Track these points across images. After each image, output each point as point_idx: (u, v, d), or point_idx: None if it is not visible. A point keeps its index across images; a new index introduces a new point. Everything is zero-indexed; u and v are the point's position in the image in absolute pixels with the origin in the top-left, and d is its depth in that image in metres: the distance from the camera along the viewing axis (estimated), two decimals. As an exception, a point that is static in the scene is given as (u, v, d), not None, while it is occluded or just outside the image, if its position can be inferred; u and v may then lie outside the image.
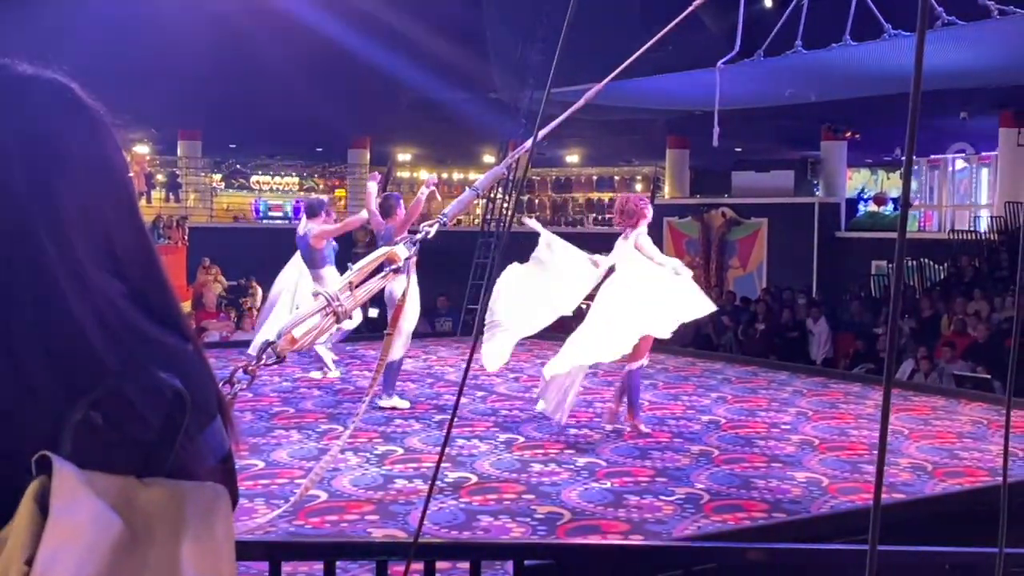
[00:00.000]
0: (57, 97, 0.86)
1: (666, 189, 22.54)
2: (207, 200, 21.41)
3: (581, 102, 3.92)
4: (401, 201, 8.14)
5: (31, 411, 0.74)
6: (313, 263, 8.49)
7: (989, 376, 10.97)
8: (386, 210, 8.01)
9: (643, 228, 7.11)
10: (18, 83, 0.85)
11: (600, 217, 24.52)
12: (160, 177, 22.33)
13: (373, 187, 8.37)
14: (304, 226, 8.66)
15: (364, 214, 8.39)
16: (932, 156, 21.37)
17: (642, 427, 7.06)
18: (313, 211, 8.72)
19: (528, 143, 4.23)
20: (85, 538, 0.69)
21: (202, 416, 0.81)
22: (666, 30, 4.15)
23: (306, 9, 14.83)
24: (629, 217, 7.12)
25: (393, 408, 7.45)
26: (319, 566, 2.80)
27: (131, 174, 0.90)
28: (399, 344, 7.48)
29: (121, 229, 0.84)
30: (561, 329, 7.62)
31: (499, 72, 17.25)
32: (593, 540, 4.51)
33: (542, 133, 3.77)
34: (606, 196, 25.01)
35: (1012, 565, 2.54)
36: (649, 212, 7.23)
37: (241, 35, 15.02)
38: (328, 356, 9.06)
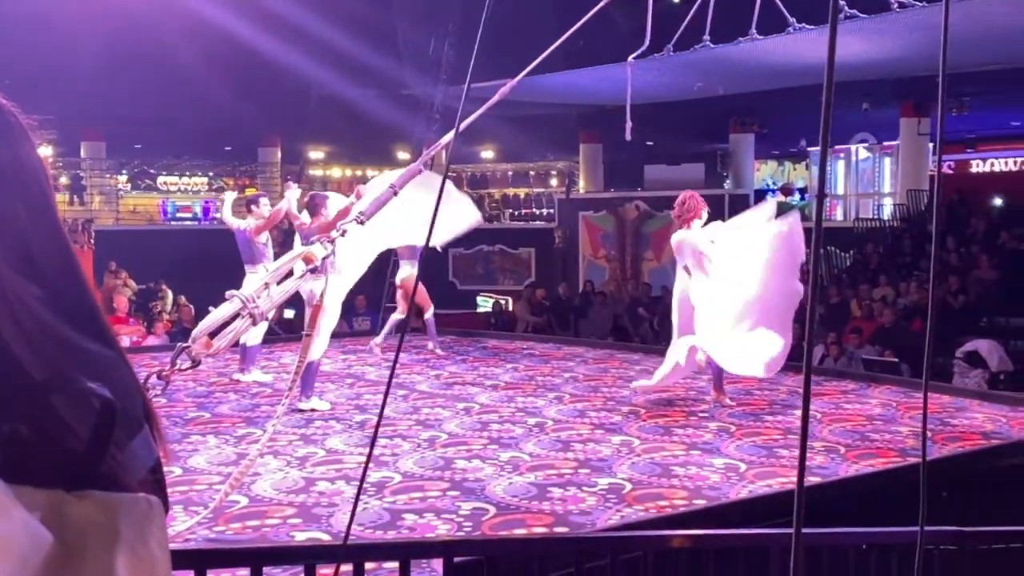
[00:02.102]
0: None
1: (581, 183, 22.73)
2: (113, 202, 20.87)
3: (497, 97, 3.92)
4: (328, 201, 8.00)
5: None
6: (252, 259, 8.49)
7: (897, 360, 11.32)
8: (312, 209, 7.93)
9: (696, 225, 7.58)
10: None
11: (516, 212, 24.60)
12: (63, 180, 21.69)
13: (293, 195, 8.29)
14: (244, 223, 8.75)
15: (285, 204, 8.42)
16: (836, 146, 21.98)
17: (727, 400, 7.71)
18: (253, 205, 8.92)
19: (445, 139, 4.22)
20: (17, 554, 0.66)
21: (130, 425, 0.78)
22: (578, 25, 4.18)
23: (212, 7, 14.55)
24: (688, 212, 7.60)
25: (313, 410, 7.37)
26: (244, 572, 2.75)
27: (49, 176, 0.87)
28: (318, 345, 7.41)
29: (38, 233, 0.81)
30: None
31: (411, 69, 17.18)
32: (519, 534, 4.53)
33: (460, 127, 3.76)
34: (522, 192, 25.11)
35: (929, 542, 2.62)
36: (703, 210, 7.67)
37: (143, 33, 14.69)
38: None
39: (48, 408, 0.72)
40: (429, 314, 10.57)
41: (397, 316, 10.38)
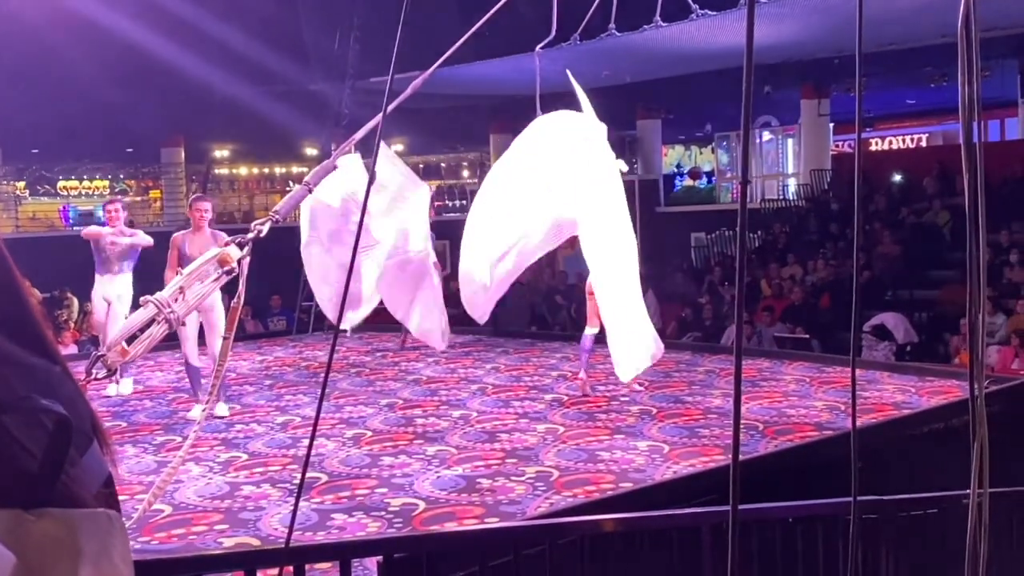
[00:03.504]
0: None
1: (492, 174, 22.72)
2: (11, 210, 20.19)
3: (410, 90, 3.90)
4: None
5: None
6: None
7: (808, 336, 11.61)
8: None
9: None
10: None
11: (449, 204, 24.54)
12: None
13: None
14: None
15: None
16: (739, 129, 22.37)
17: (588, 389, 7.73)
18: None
19: (360, 133, 4.18)
20: None
21: (81, 439, 0.76)
22: (488, 15, 4.18)
23: (103, 10, 14.17)
24: None
25: (220, 417, 7.13)
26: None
27: None
28: (194, 351, 7.42)
29: None
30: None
31: (317, 65, 16.98)
32: (450, 527, 4.53)
33: (363, 130, 3.74)
34: (433, 184, 24.99)
35: (849, 512, 2.71)
36: None
37: (33, 38, 14.24)
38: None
39: (1, 429, 0.71)
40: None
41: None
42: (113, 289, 8.22)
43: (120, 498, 3.36)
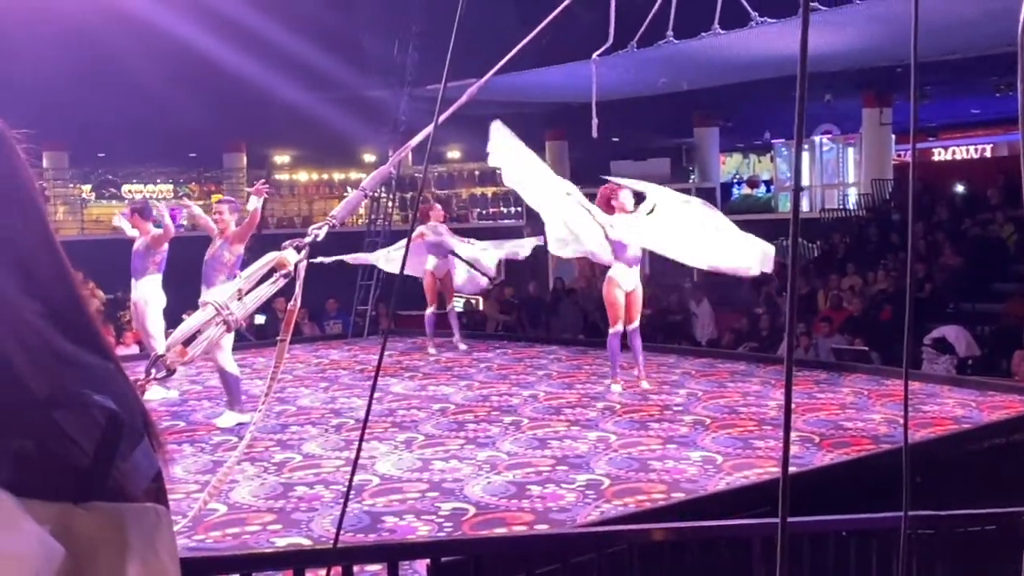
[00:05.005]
0: None
1: (547, 181, 22.71)
2: (77, 212, 20.65)
3: (465, 97, 3.93)
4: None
5: None
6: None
7: (867, 348, 11.43)
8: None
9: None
10: None
11: (484, 212, 24.56)
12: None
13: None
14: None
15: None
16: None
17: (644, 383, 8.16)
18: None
19: (415, 140, 4.22)
20: (30, 568, 0.66)
21: (133, 435, 0.78)
22: (545, 23, 4.19)
23: (166, 15, 14.45)
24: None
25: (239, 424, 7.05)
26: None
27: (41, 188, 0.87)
28: (229, 358, 7.22)
29: (34, 247, 0.81)
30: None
31: (375, 72, 17.14)
32: (500, 533, 4.54)
33: (418, 137, 3.76)
34: (489, 191, 25.09)
35: (911, 527, 2.66)
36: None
37: (101, 43, 14.56)
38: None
39: (52, 424, 0.73)
40: (430, 309, 10.93)
41: (431, 310, 10.89)
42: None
43: (176, 496, 3.42)
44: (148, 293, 8.26)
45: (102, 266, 15.86)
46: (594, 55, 7.68)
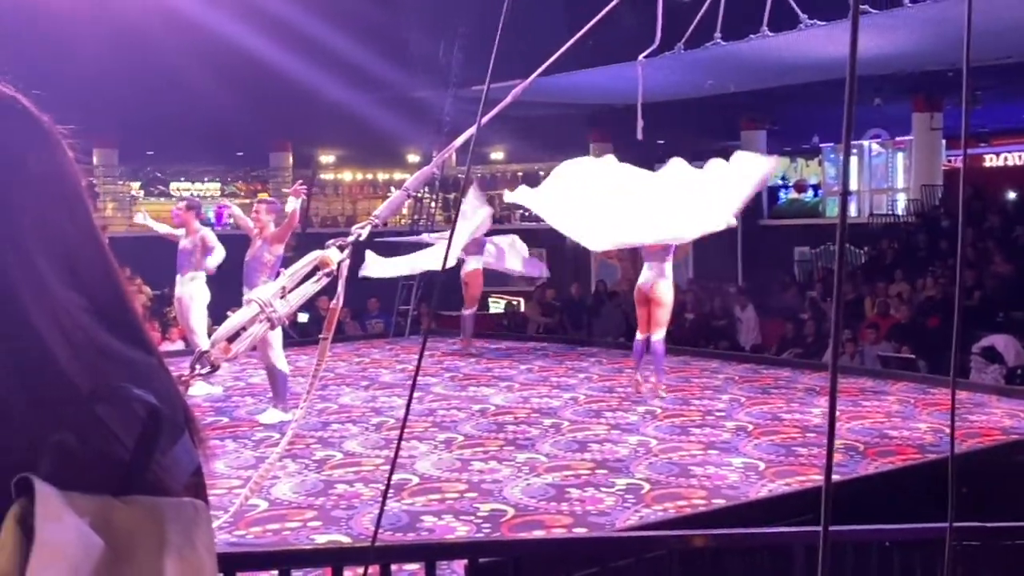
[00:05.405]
0: (8, 110, 0.83)
1: (591, 183, 22.65)
2: (126, 209, 20.95)
3: (510, 98, 3.92)
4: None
5: (5, 434, 0.71)
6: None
7: (914, 356, 11.26)
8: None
9: None
10: None
11: (526, 213, 24.52)
12: (77, 187, 21.84)
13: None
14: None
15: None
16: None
17: (662, 392, 7.99)
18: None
19: (458, 141, 4.22)
20: (70, 560, 0.67)
21: (173, 430, 0.79)
22: (591, 24, 4.17)
23: (215, 14, 14.62)
24: None
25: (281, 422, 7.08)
26: (272, 575, 2.75)
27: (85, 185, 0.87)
28: (280, 355, 7.25)
29: (79, 241, 0.82)
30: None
31: (421, 73, 17.20)
32: (538, 535, 4.52)
33: (462, 138, 3.76)
34: (531, 192, 25.05)
35: (953, 538, 2.61)
36: None
37: (149, 41, 14.77)
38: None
39: (94, 417, 0.73)
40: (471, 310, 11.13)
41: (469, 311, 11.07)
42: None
43: (218, 492, 3.46)
44: (192, 289, 8.39)
45: (149, 262, 16.11)
46: (640, 56, 7.64)
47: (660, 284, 8.03)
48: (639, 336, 8.24)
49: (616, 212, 7.90)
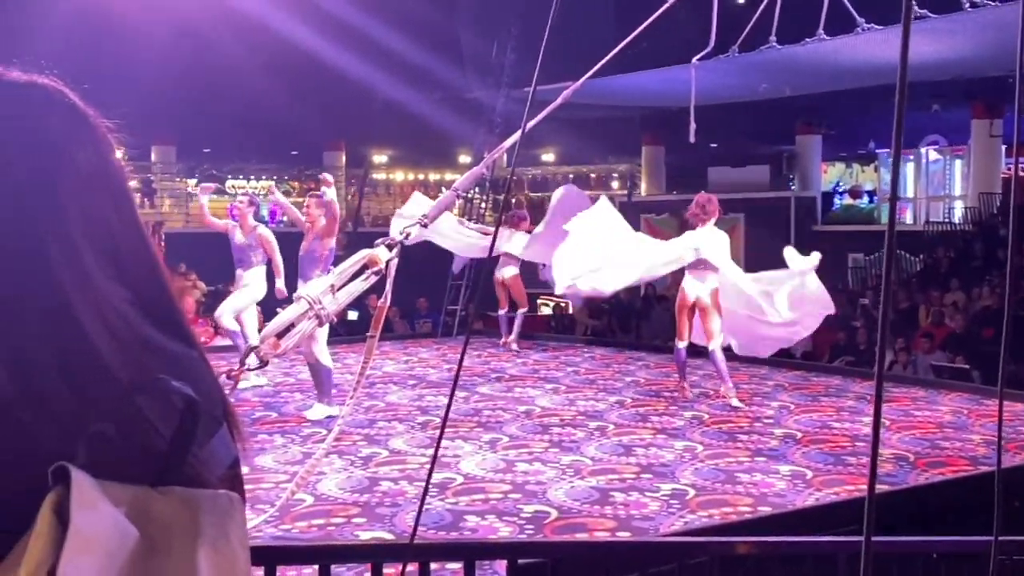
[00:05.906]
0: (56, 104, 0.85)
1: (643, 186, 22.60)
2: (182, 205, 21.29)
3: (560, 100, 3.92)
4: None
5: (45, 423, 0.73)
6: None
7: (968, 366, 11.06)
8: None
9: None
10: (15, 90, 0.83)
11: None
12: (134, 183, 22.23)
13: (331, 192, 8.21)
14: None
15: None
16: (906, 149, 21.53)
17: (733, 400, 7.85)
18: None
19: (508, 142, 4.22)
20: (104, 548, 0.68)
21: (211, 423, 0.80)
22: (643, 27, 4.15)
23: (272, 13, 14.81)
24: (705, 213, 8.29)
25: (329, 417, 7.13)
26: (312, 569, 2.78)
27: (129, 179, 0.89)
28: (324, 351, 7.35)
29: (124, 235, 0.84)
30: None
31: (473, 74, 17.25)
32: (583, 538, 4.51)
33: (527, 128, 3.76)
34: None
35: (1002, 552, 2.56)
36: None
37: (207, 40, 14.99)
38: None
39: (133, 408, 0.75)
40: (521, 311, 11.21)
41: (522, 312, 11.22)
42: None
43: (265, 486, 3.49)
44: (251, 281, 8.57)
45: (205, 258, 16.35)
46: (694, 59, 7.59)
47: (707, 293, 7.94)
48: (680, 344, 8.11)
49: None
